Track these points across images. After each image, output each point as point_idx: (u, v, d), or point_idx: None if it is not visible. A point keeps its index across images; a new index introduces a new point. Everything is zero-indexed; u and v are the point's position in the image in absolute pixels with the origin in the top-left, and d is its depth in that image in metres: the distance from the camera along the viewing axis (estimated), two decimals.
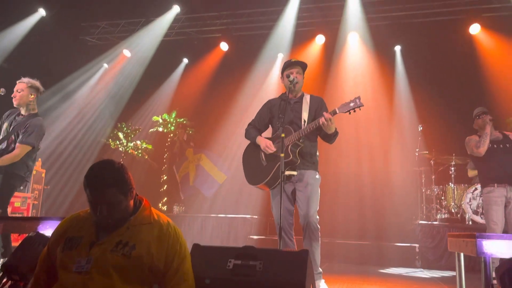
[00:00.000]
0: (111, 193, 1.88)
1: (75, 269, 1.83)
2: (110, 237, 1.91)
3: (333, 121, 3.54)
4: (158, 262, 1.91)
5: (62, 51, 9.04)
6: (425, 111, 8.25)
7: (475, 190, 6.78)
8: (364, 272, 5.62)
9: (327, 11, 8.81)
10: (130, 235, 1.93)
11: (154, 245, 1.93)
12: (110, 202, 1.88)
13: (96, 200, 1.88)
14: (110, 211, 1.90)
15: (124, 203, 1.94)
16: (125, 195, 1.94)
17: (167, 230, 2.00)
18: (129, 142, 9.57)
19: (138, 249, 1.88)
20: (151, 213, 2.04)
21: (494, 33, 8.24)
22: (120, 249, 1.87)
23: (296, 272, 2.14)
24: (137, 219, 1.98)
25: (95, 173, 1.90)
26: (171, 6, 9.02)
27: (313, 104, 3.88)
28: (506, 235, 2.56)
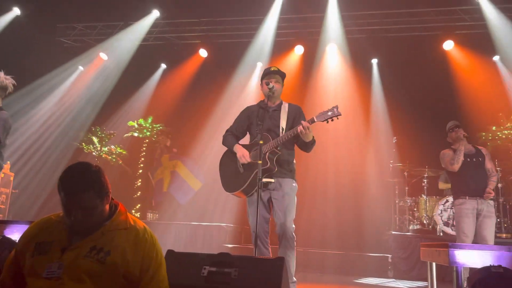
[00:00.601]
0: (87, 197, 1.81)
1: (46, 275, 1.75)
2: (83, 242, 1.84)
3: (310, 130, 3.55)
4: (134, 269, 1.85)
5: (37, 52, 8.82)
6: (399, 124, 8.42)
7: (446, 202, 6.92)
8: (338, 282, 5.63)
9: (307, 22, 8.93)
10: (104, 240, 1.85)
11: (130, 251, 1.86)
12: (85, 206, 1.81)
13: (71, 204, 1.80)
14: (86, 216, 1.82)
15: (100, 207, 1.86)
16: (102, 199, 1.86)
17: (144, 236, 1.93)
18: (103, 147, 9.37)
19: (112, 255, 1.81)
20: (127, 218, 1.97)
21: (466, 50, 8.53)
22: (94, 254, 1.80)
23: (271, 279, 2.12)
24: (113, 224, 1.91)
25: (71, 176, 1.82)
26: (150, 11, 8.96)
27: (291, 112, 3.90)
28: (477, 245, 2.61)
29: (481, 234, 4.66)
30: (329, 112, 3.59)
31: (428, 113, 8.38)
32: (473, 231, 4.66)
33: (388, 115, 8.81)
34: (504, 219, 6.91)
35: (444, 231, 6.83)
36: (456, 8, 8.19)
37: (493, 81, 8.42)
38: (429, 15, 8.33)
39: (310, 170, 8.11)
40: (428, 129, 8.07)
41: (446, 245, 2.60)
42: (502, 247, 2.56)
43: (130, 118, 9.74)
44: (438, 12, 8.27)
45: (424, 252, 3.37)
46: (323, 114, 3.61)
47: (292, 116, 3.88)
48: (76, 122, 9.85)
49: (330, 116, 3.58)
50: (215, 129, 8.78)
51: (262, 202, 3.72)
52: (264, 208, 3.74)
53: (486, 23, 8.02)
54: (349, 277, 6.21)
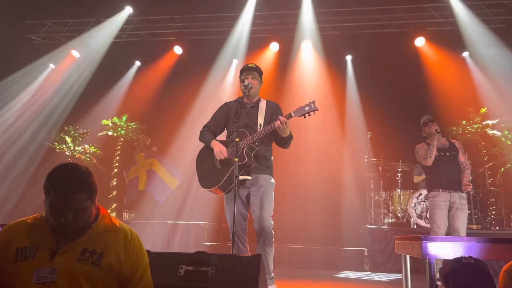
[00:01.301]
0: (80, 198, 1.77)
1: (36, 280, 1.70)
2: (72, 245, 1.80)
3: (288, 125, 3.57)
4: (125, 270, 1.86)
5: (5, 49, 8.55)
6: (373, 119, 8.56)
7: (420, 195, 7.08)
8: (315, 276, 5.70)
9: (282, 19, 8.95)
10: (94, 243, 1.83)
11: (122, 252, 1.87)
12: (77, 207, 1.77)
13: (63, 205, 1.75)
14: (76, 218, 1.79)
15: (90, 209, 1.84)
16: (92, 200, 1.84)
17: (132, 237, 1.95)
18: (76, 146, 9.16)
19: (106, 257, 1.81)
20: (112, 221, 1.97)
21: (437, 46, 8.73)
22: (88, 257, 1.78)
23: (249, 276, 2.12)
24: (100, 226, 1.89)
25: (62, 177, 1.77)
26: (123, 7, 8.80)
27: (269, 109, 3.91)
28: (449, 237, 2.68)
29: (454, 226, 4.80)
30: (306, 107, 3.63)
31: (401, 108, 8.55)
32: (446, 223, 4.79)
33: (362, 111, 8.94)
34: (475, 210, 7.13)
35: (418, 223, 6.99)
36: (426, 6, 8.37)
37: (463, 77, 8.65)
38: (400, 12, 8.49)
39: (287, 165, 8.16)
40: (401, 124, 8.25)
41: (419, 238, 2.66)
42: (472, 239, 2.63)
43: (104, 117, 9.55)
44: (409, 9, 8.44)
45: (398, 245, 3.44)
46: (301, 109, 3.64)
47: (270, 112, 3.90)
48: (47, 121, 9.59)
49: (308, 111, 3.62)
50: (191, 127, 8.72)
51: (240, 198, 3.72)
52: (242, 204, 3.74)
53: (456, 20, 8.23)
54: (326, 271, 6.28)
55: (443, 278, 2.28)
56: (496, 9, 8.27)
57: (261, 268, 2.17)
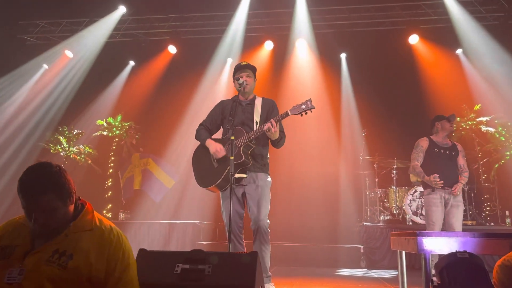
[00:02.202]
0: (47, 199, 1.73)
1: (7, 280, 1.68)
2: (46, 246, 1.77)
3: (277, 129, 3.57)
4: (98, 272, 1.77)
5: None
6: (368, 117, 8.58)
7: (415, 192, 7.12)
8: (311, 274, 5.71)
9: (276, 17, 8.95)
10: (68, 243, 1.78)
11: (94, 254, 1.79)
12: (46, 209, 1.73)
13: (31, 206, 1.73)
14: (46, 219, 1.75)
15: (62, 209, 1.79)
16: (64, 201, 1.79)
17: (109, 237, 1.86)
18: (71, 147, 9.12)
19: (75, 259, 1.74)
20: (93, 218, 1.90)
21: (431, 44, 8.77)
22: (56, 259, 1.73)
23: (245, 274, 2.12)
24: (77, 226, 1.84)
25: (30, 177, 1.74)
26: (116, 7, 8.76)
27: (264, 106, 3.92)
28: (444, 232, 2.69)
29: (449, 222, 4.82)
30: (303, 106, 3.63)
31: (396, 106, 8.59)
32: (441, 219, 4.82)
33: (357, 109, 8.97)
34: (469, 206, 7.17)
35: (413, 220, 7.03)
36: (420, 3, 8.40)
37: (457, 74, 8.70)
38: (394, 10, 8.52)
39: (282, 163, 8.16)
40: (396, 121, 8.29)
41: (414, 234, 2.67)
42: (467, 233, 2.65)
43: (98, 117, 9.51)
44: (403, 6, 8.46)
45: (394, 241, 3.46)
46: (297, 108, 3.65)
47: (265, 110, 3.91)
48: (42, 122, 9.54)
49: (304, 109, 3.63)
50: (186, 126, 8.71)
51: (236, 197, 3.73)
52: (238, 203, 3.75)
53: (449, 17, 8.27)
54: (322, 269, 6.29)
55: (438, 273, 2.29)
56: (489, 6, 8.31)
57: (257, 266, 2.17)
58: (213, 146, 3.78)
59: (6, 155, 8.91)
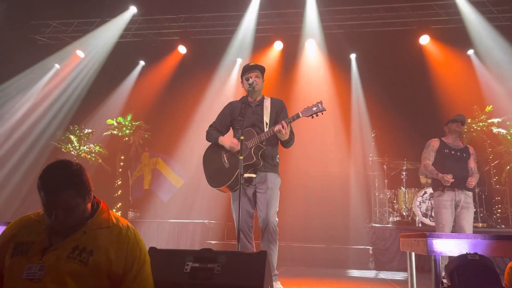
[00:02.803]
0: (68, 196, 1.76)
1: (26, 276, 1.71)
2: (65, 243, 1.79)
3: (287, 130, 3.59)
4: (117, 268, 1.81)
5: (10, 49, 8.60)
6: (378, 118, 8.55)
7: (425, 193, 7.07)
8: (319, 275, 5.70)
9: (286, 18, 8.95)
10: (87, 240, 1.81)
11: (113, 250, 1.82)
12: (66, 205, 1.76)
13: (52, 203, 1.75)
14: (67, 215, 1.78)
15: (81, 206, 1.82)
16: (83, 198, 1.82)
17: (127, 234, 1.90)
18: (81, 146, 9.21)
19: (95, 255, 1.78)
20: (109, 216, 1.93)
21: (442, 44, 8.70)
22: (76, 255, 1.75)
23: (254, 274, 2.13)
24: (95, 223, 1.87)
25: (51, 174, 1.77)
26: (127, 7, 8.83)
27: (273, 106, 3.93)
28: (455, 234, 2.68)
29: (459, 224, 4.78)
30: (314, 108, 3.66)
31: (406, 107, 8.54)
32: (451, 221, 4.78)
33: (367, 109, 8.93)
34: (480, 209, 7.10)
35: (423, 222, 6.98)
36: (431, 3, 8.34)
37: (468, 75, 8.61)
38: (405, 10, 8.47)
39: (292, 164, 8.16)
40: (406, 122, 8.24)
41: (424, 235, 2.66)
42: (478, 235, 2.63)
43: (109, 116, 9.60)
44: (414, 7, 8.41)
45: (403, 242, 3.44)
46: (308, 110, 3.67)
47: (275, 110, 3.92)
48: (53, 121, 9.64)
49: (315, 111, 3.65)
50: (196, 126, 8.74)
51: (247, 197, 3.75)
52: (248, 203, 3.77)
53: (461, 17, 8.20)
54: (330, 270, 6.28)
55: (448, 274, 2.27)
56: (501, 6, 8.22)
57: (266, 265, 2.18)
58: (227, 140, 3.81)
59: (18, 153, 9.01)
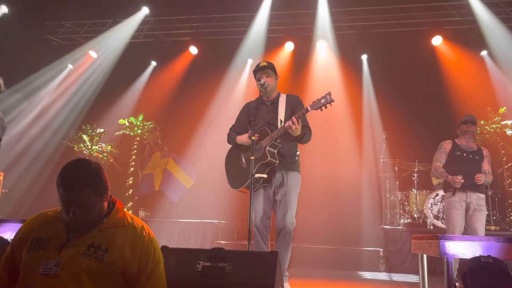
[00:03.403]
0: (86, 194, 1.79)
1: (42, 271, 1.74)
2: (81, 240, 1.83)
3: (298, 126, 3.57)
4: (131, 267, 1.84)
5: (24, 50, 8.73)
6: (390, 119, 8.49)
7: (436, 195, 7.00)
8: (330, 276, 5.68)
9: (297, 19, 8.94)
10: (102, 238, 1.84)
11: (128, 249, 1.85)
12: (84, 203, 1.79)
13: (70, 200, 1.79)
14: (84, 213, 1.81)
15: (98, 204, 1.85)
16: (100, 196, 1.85)
17: (141, 234, 1.92)
18: (93, 145, 9.31)
19: (111, 253, 1.81)
20: (125, 216, 1.96)
21: (455, 45, 8.61)
22: (92, 252, 1.79)
23: (265, 273, 2.13)
24: (110, 222, 1.90)
25: (70, 172, 1.80)
26: (139, 8, 8.90)
27: (289, 103, 3.93)
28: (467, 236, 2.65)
29: (472, 227, 4.73)
30: (322, 100, 3.62)
31: (418, 108, 8.47)
32: (462, 223, 4.73)
33: (378, 110, 8.88)
34: (493, 211, 7.02)
35: (434, 224, 6.91)
36: (444, 4, 8.27)
37: (481, 76, 8.52)
38: (417, 11, 8.40)
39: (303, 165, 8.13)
40: (418, 124, 8.17)
41: (436, 237, 2.64)
42: (491, 238, 2.60)
43: (120, 116, 9.69)
44: (426, 7, 8.34)
45: (415, 244, 3.42)
46: (317, 103, 3.64)
47: (290, 106, 3.91)
48: (66, 120, 9.76)
49: (324, 103, 3.61)
50: (207, 126, 8.78)
51: (266, 197, 3.75)
52: (267, 203, 3.76)
53: (474, 18, 8.11)
54: (340, 271, 6.25)
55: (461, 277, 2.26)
56: None
57: (277, 265, 2.18)
58: (243, 137, 3.84)
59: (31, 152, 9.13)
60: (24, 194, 8.73)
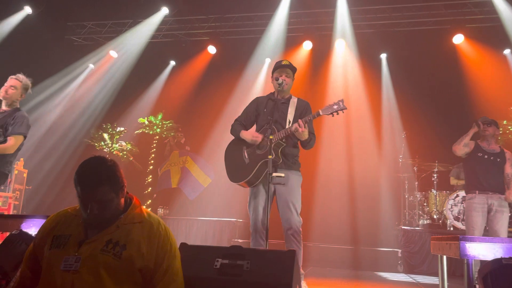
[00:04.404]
0: (103, 191, 1.83)
1: (63, 268, 1.78)
2: (99, 236, 1.87)
3: (304, 129, 3.57)
4: (148, 262, 1.87)
5: (47, 50, 8.92)
6: (409, 118, 8.39)
7: (457, 196, 6.89)
8: (347, 276, 5.66)
9: (315, 18, 8.91)
10: (120, 234, 1.88)
11: (145, 245, 1.88)
12: (101, 200, 1.83)
13: (87, 197, 1.83)
14: (101, 209, 1.85)
15: (115, 201, 1.89)
16: (117, 193, 1.89)
17: (158, 229, 1.95)
18: (114, 143, 9.47)
19: (128, 249, 1.84)
20: (141, 212, 1.99)
21: (476, 43, 8.45)
22: (110, 249, 1.82)
23: (283, 272, 2.15)
24: (128, 218, 1.94)
25: (87, 170, 1.85)
26: (159, 8, 9.00)
27: (299, 107, 3.93)
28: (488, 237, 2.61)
29: (493, 228, 4.66)
30: (335, 106, 3.62)
31: (438, 108, 8.34)
32: (482, 225, 4.67)
33: (398, 110, 8.77)
34: None
35: (454, 225, 6.81)
36: (466, 1, 8.12)
37: (504, 75, 8.34)
38: (438, 9, 8.27)
39: (320, 164, 8.13)
40: (438, 123, 8.05)
41: (456, 238, 2.60)
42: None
43: (140, 115, 9.81)
44: (447, 5, 8.21)
45: (434, 245, 3.38)
46: (329, 108, 3.64)
47: (299, 110, 3.91)
48: (88, 119, 9.95)
49: (336, 109, 3.61)
50: (225, 125, 8.80)
51: (267, 196, 3.75)
52: (268, 201, 3.77)
53: (497, 16, 7.94)
54: (358, 272, 6.22)
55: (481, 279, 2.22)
56: None
57: (295, 264, 2.19)
58: (249, 134, 3.83)
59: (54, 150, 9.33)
60: (47, 191, 8.93)
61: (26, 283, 1.97)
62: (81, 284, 1.75)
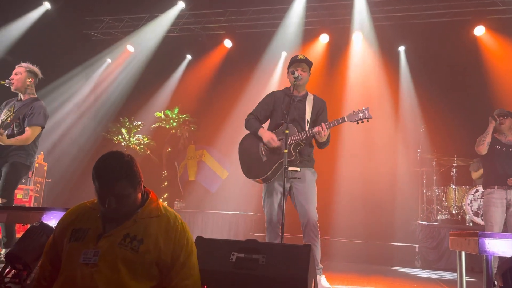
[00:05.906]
0: (121, 185, 1.86)
1: (82, 260, 1.82)
2: (117, 230, 1.89)
3: (326, 133, 3.60)
4: (165, 256, 1.89)
5: (66, 45, 9.04)
6: (428, 112, 8.26)
7: (476, 191, 6.77)
8: (364, 271, 5.63)
9: (333, 10, 8.80)
10: (137, 228, 1.90)
11: (162, 239, 1.90)
12: (119, 194, 1.86)
13: (105, 192, 1.86)
14: (119, 204, 1.87)
15: (133, 195, 1.91)
16: (134, 187, 1.91)
17: (175, 224, 1.97)
18: (131, 137, 9.58)
19: (146, 243, 1.86)
20: (158, 206, 2.01)
21: (498, 35, 8.23)
22: (128, 243, 1.85)
23: (298, 266, 2.15)
24: (145, 212, 1.96)
25: (105, 165, 1.87)
26: (176, 2, 9.02)
27: (316, 105, 3.91)
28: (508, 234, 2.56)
29: (511, 225, 4.57)
30: (360, 114, 3.65)
31: (458, 101, 8.18)
32: (501, 221, 4.59)
33: (417, 103, 8.62)
34: None
35: (474, 221, 6.70)
36: None
37: None
38: (458, 0, 8.08)
39: (338, 159, 8.08)
40: (458, 117, 7.90)
41: (476, 234, 2.56)
42: None
43: (157, 109, 9.89)
44: None
45: (453, 241, 3.33)
46: (354, 115, 3.67)
47: (316, 109, 3.90)
48: (106, 114, 10.07)
49: (361, 117, 3.64)
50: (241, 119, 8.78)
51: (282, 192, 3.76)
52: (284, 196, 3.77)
53: None
54: (376, 267, 6.19)
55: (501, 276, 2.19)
56: None
57: (311, 258, 2.19)
58: (267, 135, 3.80)
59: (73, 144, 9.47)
60: (66, 184, 9.08)
61: (46, 275, 2.01)
62: (100, 277, 1.78)
